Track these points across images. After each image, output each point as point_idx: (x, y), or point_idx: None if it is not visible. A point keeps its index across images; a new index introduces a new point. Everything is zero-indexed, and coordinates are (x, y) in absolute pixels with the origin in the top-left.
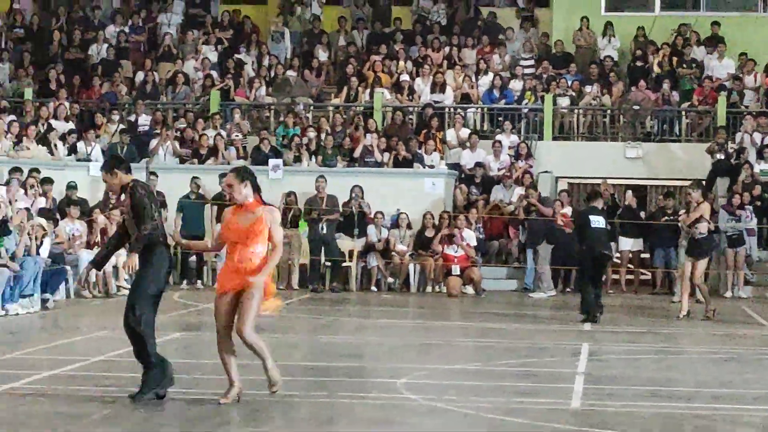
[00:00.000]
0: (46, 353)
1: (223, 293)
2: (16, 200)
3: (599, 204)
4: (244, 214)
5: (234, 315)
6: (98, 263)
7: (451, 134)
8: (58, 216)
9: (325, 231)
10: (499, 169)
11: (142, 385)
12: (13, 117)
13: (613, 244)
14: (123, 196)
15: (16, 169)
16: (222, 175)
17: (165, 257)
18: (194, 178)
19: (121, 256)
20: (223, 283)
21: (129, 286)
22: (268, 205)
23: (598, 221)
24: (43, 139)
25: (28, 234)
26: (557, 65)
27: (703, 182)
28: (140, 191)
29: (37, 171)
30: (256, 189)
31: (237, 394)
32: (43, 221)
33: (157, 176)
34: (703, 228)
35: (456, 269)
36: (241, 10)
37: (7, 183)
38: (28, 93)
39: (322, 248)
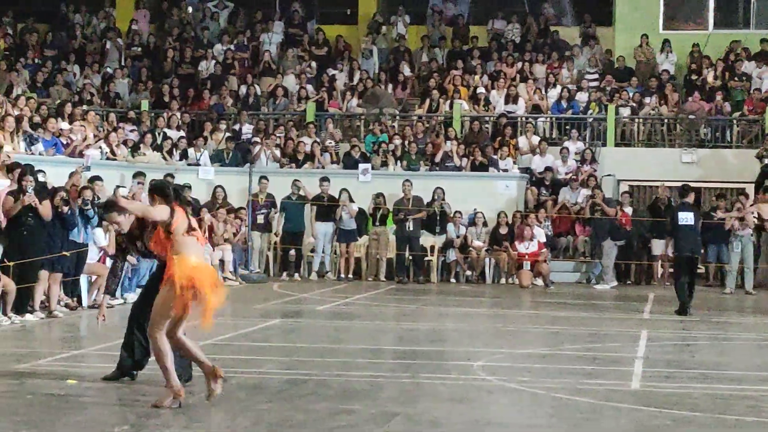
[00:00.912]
0: None
1: None
2: (140, 201)
3: (690, 199)
4: None
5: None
6: (113, 293)
7: (523, 141)
8: None
9: (411, 228)
10: (566, 173)
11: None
12: (134, 126)
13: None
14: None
15: (139, 173)
16: (322, 179)
17: None
18: (295, 180)
19: (226, 251)
20: None
21: (234, 278)
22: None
23: (686, 219)
24: (157, 146)
25: None
26: (619, 78)
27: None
28: None
29: (172, 176)
30: (165, 196)
31: (212, 389)
32: None
33: (267, 180)
34: None
35: (527, 264)
36: (335, 29)
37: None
38: (145, 105)
39: (407, 244)
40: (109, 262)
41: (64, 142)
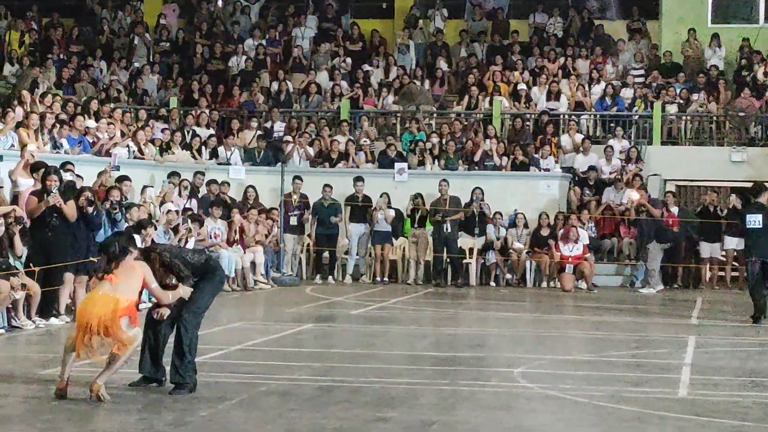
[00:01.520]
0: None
1: None
2: (171, 201)
3: (763, 199)
4: None
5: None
6: None
7: (565, 139)
8: (209, 214)
9: (449, 230)
10: (610, 172)
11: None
12: (165, 125)
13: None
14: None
15: (174, 173)
16: (357, 179)
17: (221, 282)
18: (325, 185)
19: (258, 253)
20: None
21: (265, 281)
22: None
23: (754, 221)
24: (186, 144)
25: (173, 231)
26: (666, 74)
27: None
28: (165, 257)
29: (202, 173)
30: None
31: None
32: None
33: (301, 180)
34: None
35: (570, 268)
36: (370, 24)
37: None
38: (174, 102)
39: (444, 246)
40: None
41: (91, 141)
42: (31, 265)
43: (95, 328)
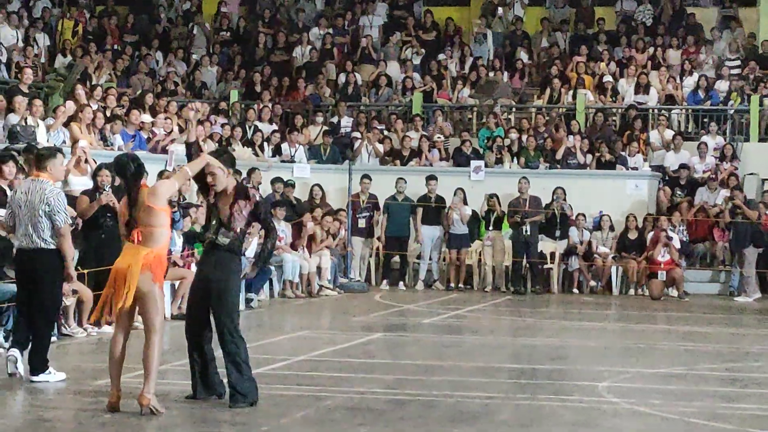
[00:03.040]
0: (250, 352)
1: None
2: None
3: None
4: None
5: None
6: None
7: (654, 135)
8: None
9: (528, 232)
10: (703, 171)
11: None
12: (225, 120)
13: None
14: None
15: (235, 172)
16: (429, 178)
17: (241, 269)
18: (399, 179)
19: (324, 257)
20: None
21: (332, 287)
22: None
23: None
24: (248, 141)
25: None
26: (764, 65)
27: None
28: (265, 209)
29: (264, 171)
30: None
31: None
32: None
33: (370, 180)
34: None
35: (662, 275)
36: (444, 11)
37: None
38: (234, 95)
39: (524, 250)
40: (194, 268)
41: (146, 137)
42: (81, 268)
43: (119, 279)
